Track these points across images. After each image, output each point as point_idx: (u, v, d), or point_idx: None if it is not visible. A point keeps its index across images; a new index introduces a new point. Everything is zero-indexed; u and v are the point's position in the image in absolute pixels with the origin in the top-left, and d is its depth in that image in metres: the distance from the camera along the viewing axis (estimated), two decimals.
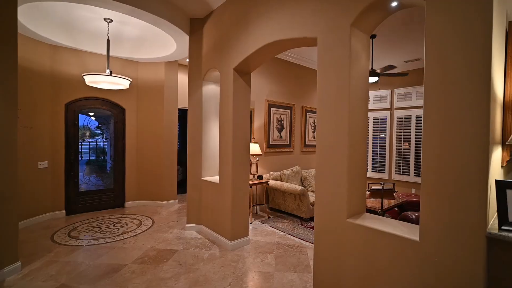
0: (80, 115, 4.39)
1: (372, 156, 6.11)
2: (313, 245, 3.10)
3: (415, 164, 5.48)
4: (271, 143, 4.91)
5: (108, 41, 3.41)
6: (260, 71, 4.73)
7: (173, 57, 4.67)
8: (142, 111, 4.98)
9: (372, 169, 6.10)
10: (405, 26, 3.83)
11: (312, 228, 3.71)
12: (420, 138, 5.42)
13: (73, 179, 4.26)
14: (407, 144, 5.63)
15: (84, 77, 3.34)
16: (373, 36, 4.14)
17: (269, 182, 4.40)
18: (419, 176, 5.34)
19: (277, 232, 3.58)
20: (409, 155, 5.59)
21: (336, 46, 1.81)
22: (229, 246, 2.99)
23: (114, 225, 3.74)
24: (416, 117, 5.51)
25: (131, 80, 3.65)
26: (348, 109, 1.75)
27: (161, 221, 3.96)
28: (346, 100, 1.75)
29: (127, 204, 4.81)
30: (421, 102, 5.40)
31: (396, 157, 5.75)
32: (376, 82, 4.26)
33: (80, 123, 4.43)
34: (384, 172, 5.90)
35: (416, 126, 5.50)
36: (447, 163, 1.30)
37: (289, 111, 5.23)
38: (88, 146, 4.60)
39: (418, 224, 1.84)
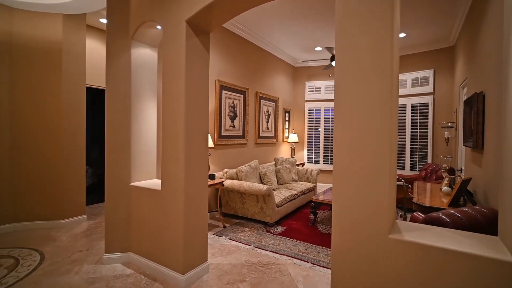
0: None
1: (324, 147, 6.16)
2: (291, 258, 2.62)
3: None
4: (222, 133, 4.16)
5: None
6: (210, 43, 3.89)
7: (78, 7, 3.28)
8: (21, 86, 3.37)
9: (324, 161, 6.16)
10: None
11: (282, 235, 3.23)
12: None
13: None
14: None
15: None
16: None
17: (224, 182, 3.68)
18: None
19: (241, 246, 2.93)
20: None
21: None
22: (181, 282, 2.15)
23: None
24: None
25: None
26: (391, 81, 1.25)
27: (58, 254, 2.68)
28: (388, 67, 1.25)
29: None
30: None
31: None
32: None
33: None
34: None
35: None
36: None
37: (242, 96, 4.58)
38: None
39: (455, 228, 1.54)
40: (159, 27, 2.51)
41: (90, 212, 4.07)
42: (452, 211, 1.62)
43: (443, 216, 1.52)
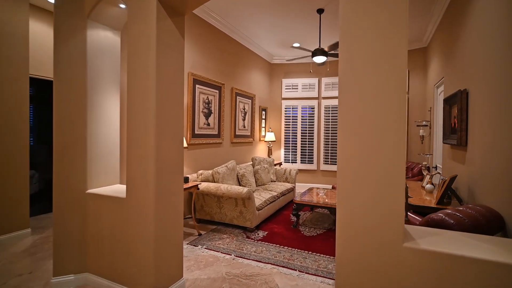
0: None
1: (301, 146, 6.12)
2: (277, 266, 2.44)
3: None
4: (196, 132, 3.85)
5: None
6: None
7: None
8: None
9: (301, 160, 6.11)
10: None
11: (264, 240, 3.04)
12: None
13: None
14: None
15: None
16: (320, 11, 3.85)
17: (199, 186, 3.38)
18: None
19: (220, 256, 2.68)
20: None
21: None
22: None
23: None
24: None
25: None
26: (405, 71, 1.12)
27: None
28: (403, 58, 1.12)
29: None
30: None
31: (324, 147, 5.96)
32: (323, 63, 4.03)
33: None
34: (313, 163, 6.02)
35: None
36: None
37: (217, 91, 4.30)
38: None
39: (459, 230, 1.47)
40: (123, 5, 2.17)
41: (35, 225, 3.49)
42: (451, 211, 1.56)
43: (446, 218, 1.44)
